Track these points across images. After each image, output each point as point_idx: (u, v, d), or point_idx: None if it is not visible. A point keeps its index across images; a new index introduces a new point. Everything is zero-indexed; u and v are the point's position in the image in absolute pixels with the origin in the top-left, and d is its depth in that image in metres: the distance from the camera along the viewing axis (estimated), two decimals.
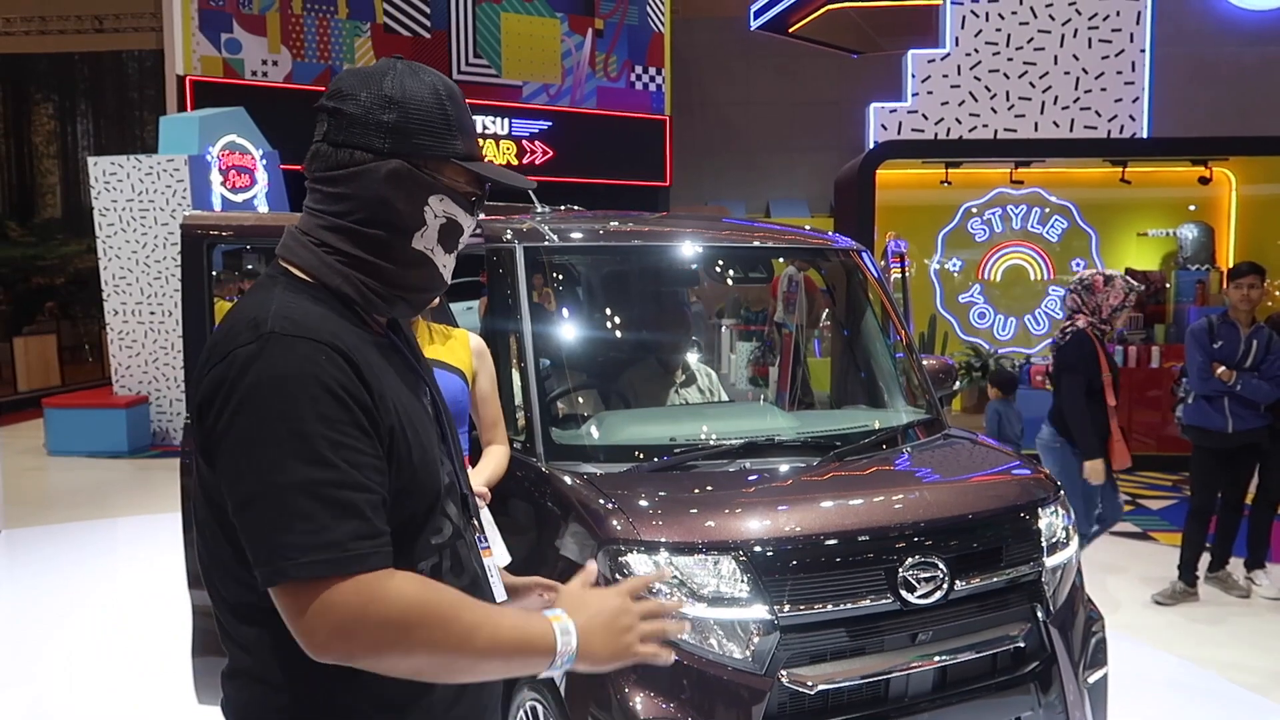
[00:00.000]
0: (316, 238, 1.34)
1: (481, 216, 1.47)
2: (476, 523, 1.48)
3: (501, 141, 12.75)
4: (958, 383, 3.86)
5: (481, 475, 2.71)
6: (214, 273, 3.42)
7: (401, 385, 1.34)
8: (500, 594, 1.49)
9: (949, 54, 9.58)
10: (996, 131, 9.50)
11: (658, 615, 1.36)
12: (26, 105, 21.78)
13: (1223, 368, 5.12)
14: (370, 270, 1.33)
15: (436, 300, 2.69)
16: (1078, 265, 9.73)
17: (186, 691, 3.23)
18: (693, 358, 3.86)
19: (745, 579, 2.40)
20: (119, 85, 21.49)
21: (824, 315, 6.00)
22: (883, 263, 5.51)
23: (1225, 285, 5.35)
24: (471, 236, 1.46)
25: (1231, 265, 6.52)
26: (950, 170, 9.33)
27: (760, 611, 2.38)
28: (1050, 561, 2.76)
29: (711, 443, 2.98)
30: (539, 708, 2.64)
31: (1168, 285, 9.34)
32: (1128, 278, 4.98)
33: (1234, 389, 5.08)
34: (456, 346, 2.81)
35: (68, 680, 4.31)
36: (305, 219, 1.36)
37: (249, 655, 1.29)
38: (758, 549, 2.43)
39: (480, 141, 1.36)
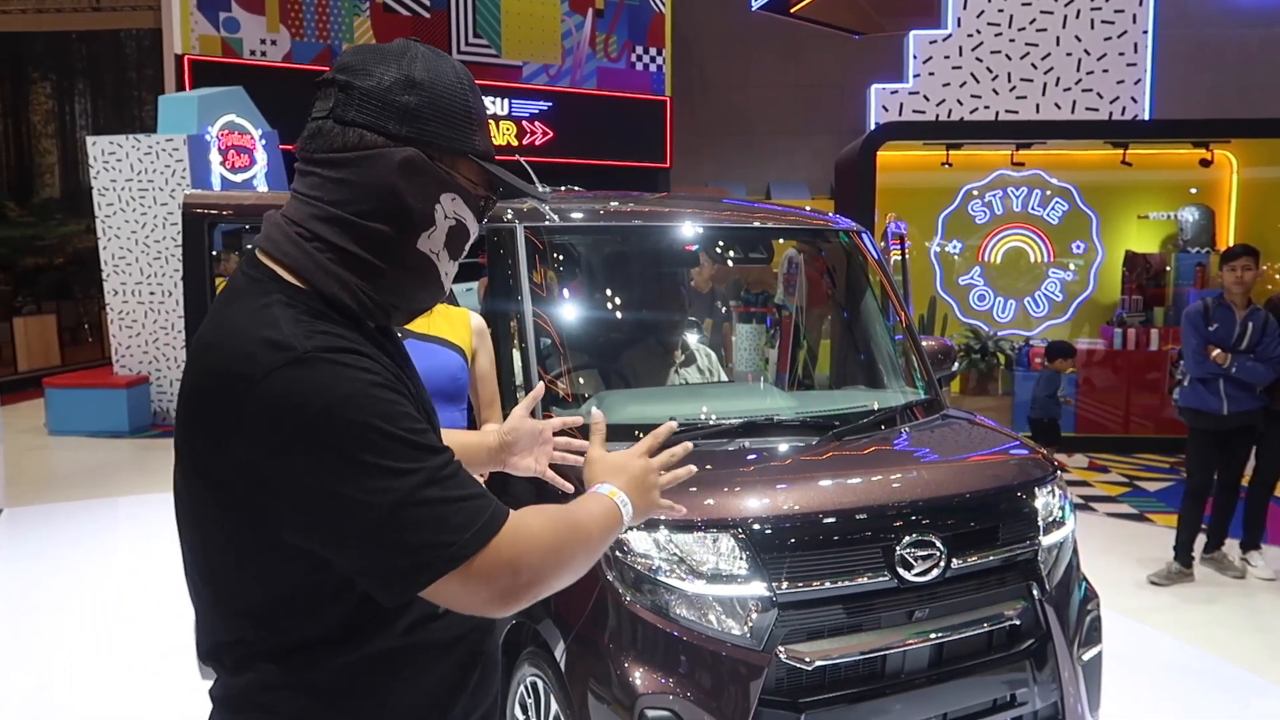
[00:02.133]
0: (307, 229, 1.20)
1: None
2: None
3: (501, 122, 12.71)
4: (957, 364, 3.87)
5: None
6: (214, 252, 3.43)
7: (406, 390, 1.30)
8: None
9: (950, 35, 9.54)
10: (998, 113, 9.48)
11: (669, 466, 1.49)
12: (25, 85, 21.69)
13: (1218, 350, 5.13)
14: (365, 271, 1.20)
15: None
16: (1078, 247, 9.72)
17: (188, 670, 3.25)
18: (692, 338, 3.87)
19: (744, 556, 2.42)
20: (117, 64, 21.39)
21: (825, 296, 6.02)
22: (883, 244, 5.52)
23: (1221, 270, 5.36)
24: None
25: (1228, 248, 6.53)
26: (951, 152, 9.30)
27: (759, 588, 2.41)
28: (1046, 540, 2.78)
29: (711, 422, 3.00)
30: (539, 683, 2.67)
31: (1168, 268, 9.34)
32: None
33: (1229, 371, 5.10)
34: (457, 324, 2.82)
35: (69, 659, 4.34)
36: (294, 206, 1.22)
37: (245, 679, 1.24)
38: (756, 527, 2.45)
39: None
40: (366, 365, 1.13)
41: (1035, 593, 2.72)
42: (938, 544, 2.56)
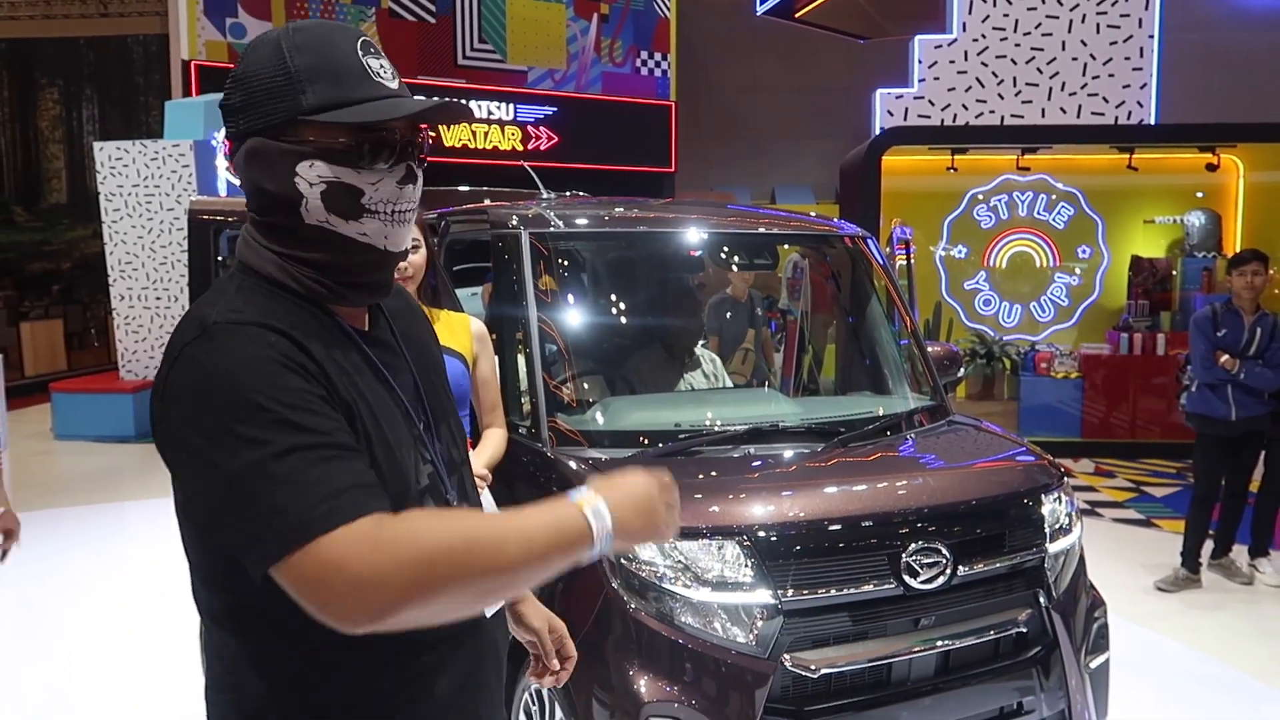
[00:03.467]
0: (251, 234, 1.28)
1: (411, 163, 1.24)
2: None
3: (506, 127, 12.73)
4: (963, 370, 3.87)
5: (480, 459, 2.73)
6: (220, 258, 3.43)
7: (364, 377, 1.24)
8: (491, 610, 1.40)
9: (956, 39, 9.53)
10: (1003, 118, 9.47)
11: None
12: (32, 90, 21.76)
13: (1226, 356, 5.12)
14: (295, 259, 1.23)
15: (417, 281, 2.71)
16: (1084, 252, 9.70)
17: (193, 674, 3.26)
18: (698, 343, 3.86)
19: (749, 564, 2.42)
20: (124, 70, 21.45)
21: (830, 301, 6.07)
22: (888, 249, 5.52)
23: (1228, 274, 5.34)
24: (406, 190, 1.25)
25: (1236, 253, 6.51)
26: (956, 156, 9.29)
27: (764, 596, 2.40)
28: (1053, 547, 2.77)
29: (716, 428, 2.99)
30: (543, 692, 2.66)
31: (1174, 272, 9.31)
32: None
33: (1237, 377, 5.08)
34: (457, 330, 2.82)
35: (74, 662, 4.35)
36: None
37: (221, 663, 1.26)
38: (762, 534, 2.44)
39: (396, 81, 1.20)
40: (270, 340, 1.13)
41: (1042, 600, 2.71)
42: (944, 551, 2.55)
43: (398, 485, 1.22)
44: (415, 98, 1.24)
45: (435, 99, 1.25)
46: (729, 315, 6.53)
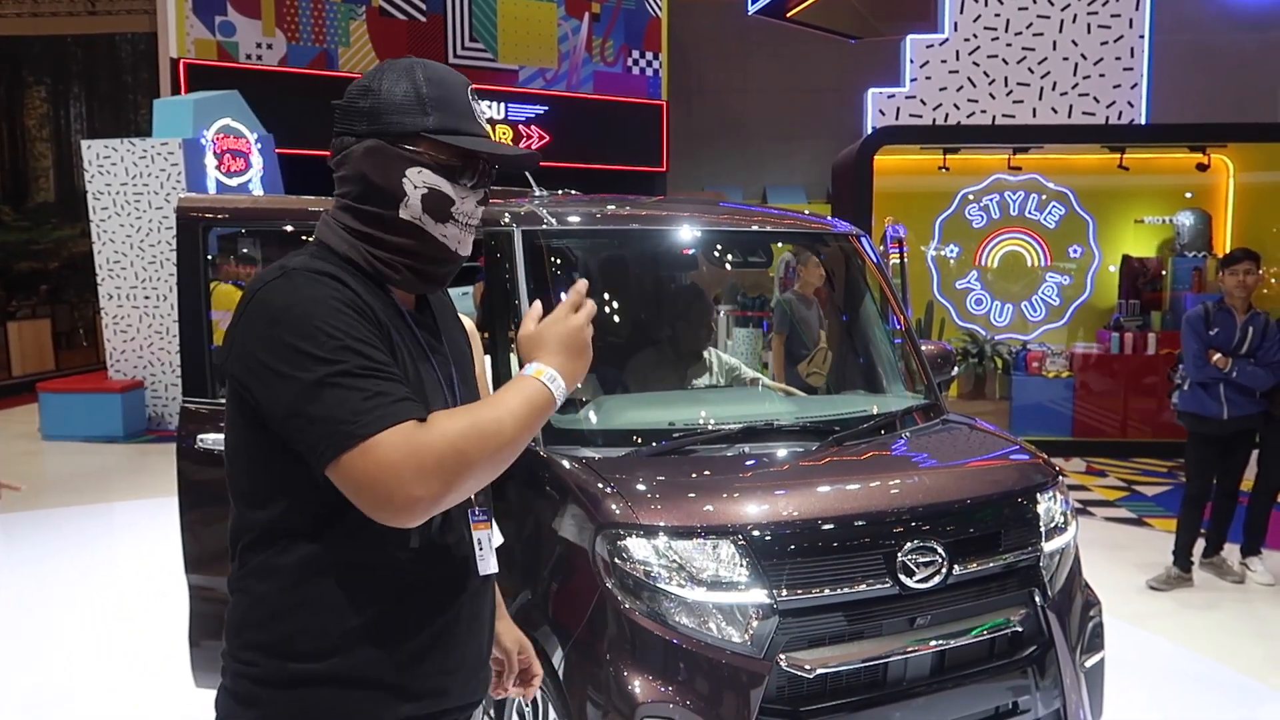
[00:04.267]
0: (336, 218, 1.50)
1: (486, 189, 1.54)
2: (477, 495, 1.55)
3: (497, 126, 12.69)
4: (956, 368, 3.86)
5: None
6: (209, 256, 3.40)
7: (412, 352, 1.47)
8: (487, 568, 1.57)
9: (948, 39, 9.54)
10: (995, 117, 9.48)
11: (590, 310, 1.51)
12: (19, 89, 21.62)
13: (1218, 355, 5.12)
14: (372, 242, 1.47)
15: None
16: (1075, 252, 9.72)
17: (184, 676, 3.23)
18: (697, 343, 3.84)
19: (744, 563, 2.40)
20: (112, 68, 21.33)
21: (823, 300, 6.03)
22: (881, 248, 5.51)
23: (1220, 273, 5.35)
24: (479, 209, 1.53)
25: (1226, 252, 6.52)
26: (948, 156, 9.30)
27: (759, 596, 2.38)
28: (1048, 546, 2.76)
29: (710, 427, 2.97)
30: (538, 692, 2.64)
31: (1164, 272, 9.34)
32: None
33: (1230, 376, 5.09)
34: None
35: (66, 663, 4.31)
36: (334, 205, 1.54)
37: (243, 565, 1.45)
38: (756, 533, 2.43)
39: (487, 125, 1.50)
40: (337, 288, 1.36)
41: (1037, 599, 2.70)
42: (939, 550, 2.53)
43: None
44: (501, 142, 1.56)
45: (523, 149, 1.57)
46: (801, 313, 6.11)
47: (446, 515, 1.48)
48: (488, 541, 1.57)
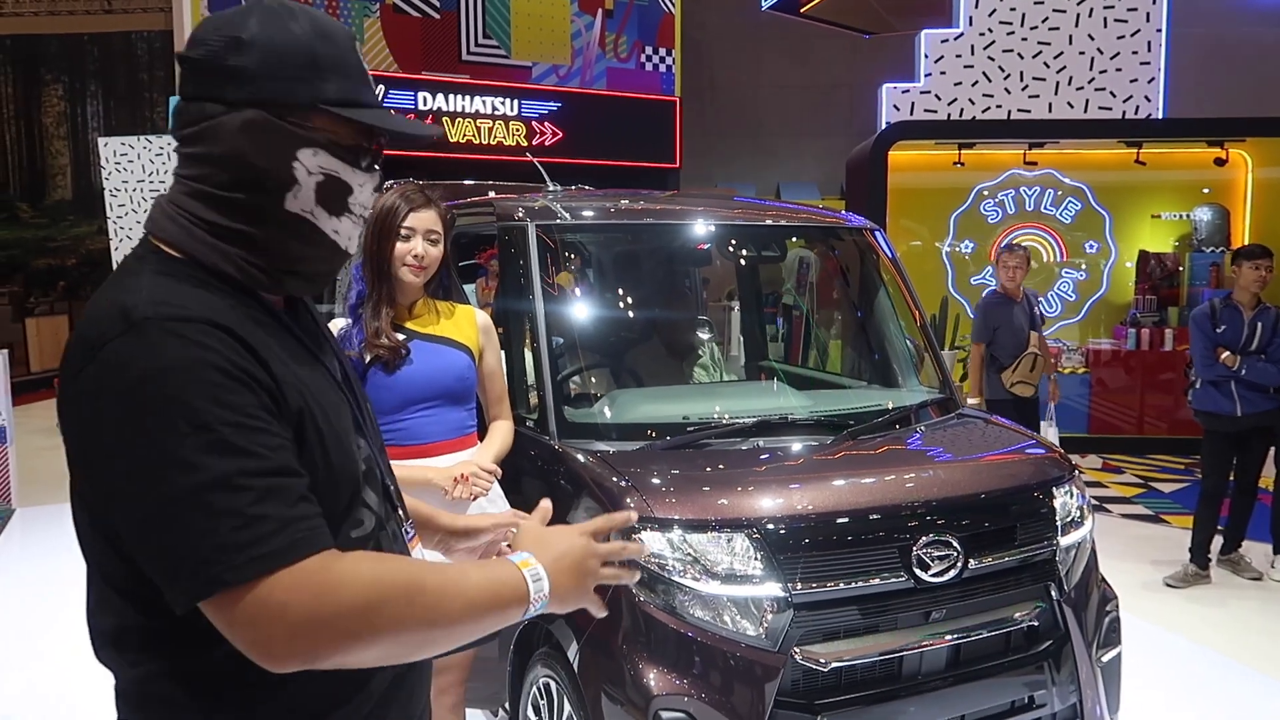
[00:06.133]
0: (182, 207, 1.17)
1: (380, 174, 1.26)
2: (400, 512, 1.35)
3: (511, 123, 12.70)
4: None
5: (489, 451, 2.71)
6: None
7: (304, 365, 1.19)
8: None
9: (962, 34, 9.49)
10: (1010, 112, 9.42)
11: (618, 556, 1.29)
12: (37, 86, 21.77)
13: (1226, 353, 5.08)
14: (244, 242, 1.16)
15: (431, 274, 2.69)
16: (1091, 247, 9.66)
17: None
18: (704, 337, 3.85)
19: (759, 556, 2.40)
20: (129, 66, 21.46)
21: (838, 294, 5.99)
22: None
23: (1237, 266, 5.27)
24: (373, 197, 1.28)
25: (1245, 245, 6.47)
26: (963, 151, 9.25)
27: (774, 589, 2.38)
28: (1064, 541, 2.75)
29: (724, 421, 2.97)
30: (552, 685, 2.64)
31: (1181, 268, 9.27)
32: None
33: (1239, 373, 5.04)
34: (462, 323, 2.79)
35: (81, 656, 4.33)
36: (172, 187, 1.21)
37: (141, 687, 1.16)
38: (771, 527, 2.42)
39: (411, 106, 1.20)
40: (211, 342, 1.04)
41: (1053, 593, 2.69)
42: (955, 544, 2.53)
43: (347, 471, 1.18)
44: (399, 115, 1.28)
45: (426, 124, 1.25)
46: (1006, 316, 5.60)
47: (380, 548, 1.23)
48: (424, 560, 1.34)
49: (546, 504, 1.39)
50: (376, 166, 1.23)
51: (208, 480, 0.98)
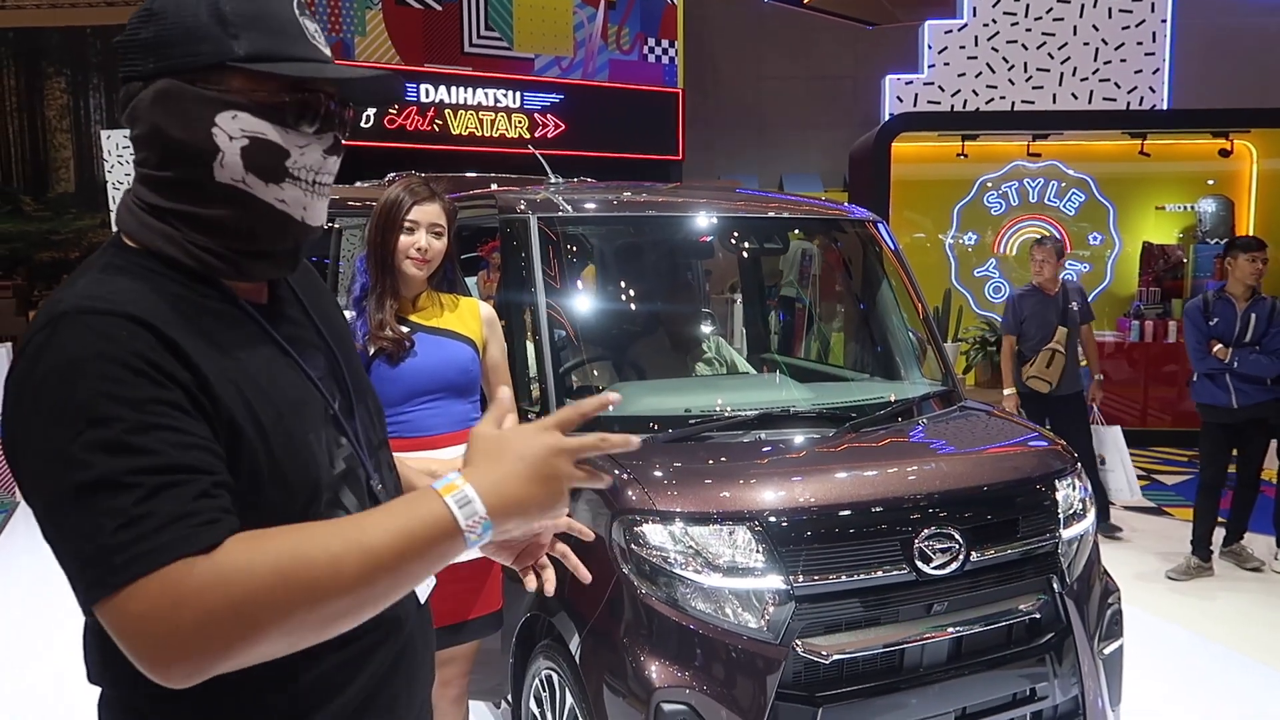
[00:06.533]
0: (136, 196, 1.13)
1: (337, 133, 1.16)
2: None
3: (513, 115, 12.69)
4: (978, 357, 3.84)
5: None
6: None
7: (261, 360, 1.11)
8: (425, 592, 1.31)
9: (966, 24, 9.46)
10: (1014, 104, 9.40)
11: (595, 450, 1.11)
12: (39, 79, 21.79)
13: (1219, 345, 5.07)
14: (190, 223, 1.10)
15: (434, 267, 2.68)
16: (1095, 239, 9.64)
17: None
18: (707, 329, 3.85)
19: (760, 549, 2.40)
20: None
21: (841, 286, 5.98)
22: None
23: (1232, 258, 5.25)
24: (330, 159, 1.16)
25: (1239, 236, 6.47)
26: (966, 143, 9.23)
27: (776, 581, 2.38)
28: (1066, 533, 2.75)
29: (726, 414, 2.97)
30: (554, 677, 2.65)
31: (1185, 260, 9.25)
32: None
33: (1232, 366, 5.03)
34: (466, 316, 2.79)
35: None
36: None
37: (115, 689, 1.14)
38: (773, 519, 2.42)
39: (326, 46, 1.09)
40: (120, 335, 0.98)
41: (1055, 586, 2.69)
42: (956, 537, 2.53)
43: (302, 476, 1.10)
44: (347, 65, 1.17)
45: (376, 71, 1.15)
46: (1033, 309, 5.60)
47: None
48: None
49: (505, 393, 1.19)
50: (330, 128, 1.14)
51: (92, 479, 0.93)
